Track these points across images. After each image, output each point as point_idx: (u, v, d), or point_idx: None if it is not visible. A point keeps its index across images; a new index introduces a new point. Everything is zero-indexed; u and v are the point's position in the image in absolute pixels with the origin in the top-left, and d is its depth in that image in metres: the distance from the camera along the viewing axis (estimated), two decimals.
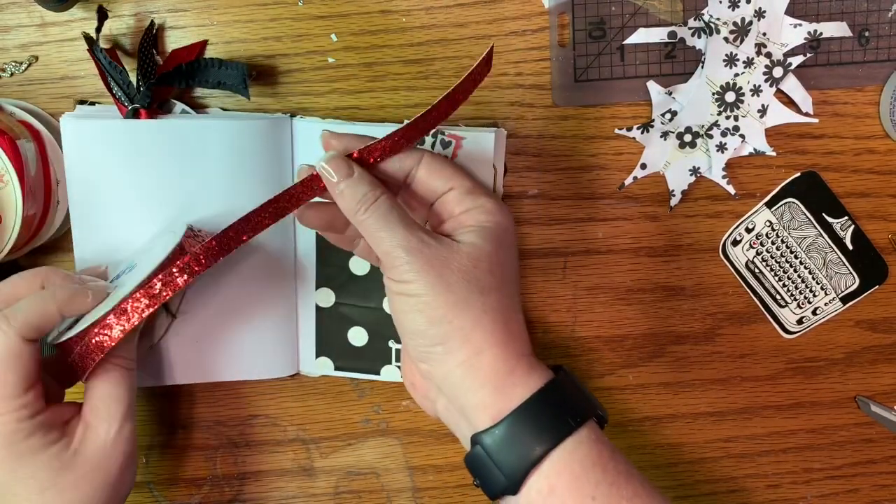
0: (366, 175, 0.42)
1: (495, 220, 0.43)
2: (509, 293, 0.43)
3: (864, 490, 0.61)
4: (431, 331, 0.41)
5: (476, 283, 0.41)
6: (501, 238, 0.43)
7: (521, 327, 0.43)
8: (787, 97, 0.54)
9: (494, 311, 0.41)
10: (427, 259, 0.41)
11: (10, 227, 0.47)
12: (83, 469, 0.44)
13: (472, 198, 0.43)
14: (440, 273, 0.40)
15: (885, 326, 0.58)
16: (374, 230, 0.41)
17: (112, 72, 0.48)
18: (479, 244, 0.42)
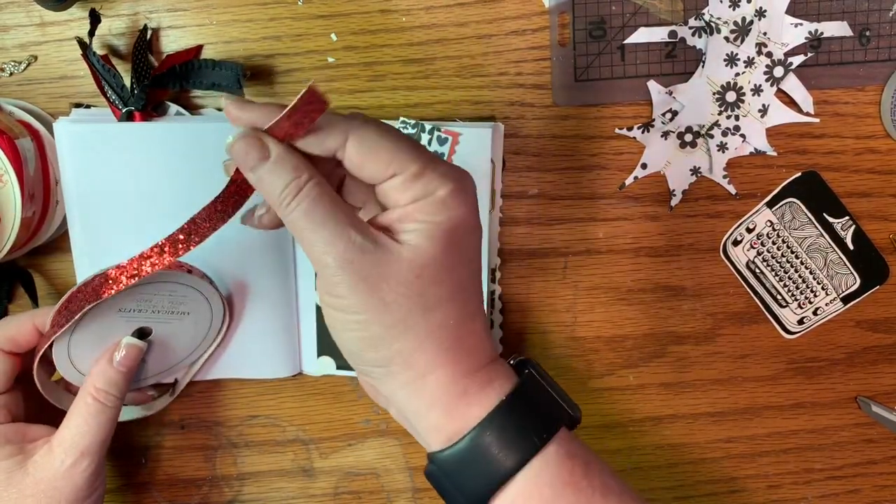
0: (288, 156, 0.35)
1: (447, 215, 0.35)
2: (462, 301, 0.36)
3: (864, 490, 0.61)
4: (368, 354, 0.36)
5: (419, 300, 0.35)
6: (454, 236, 0.36)
7: (478, 338, 0.37)
8: (787, 97, 0.54)
9: (441, 329, 0.36)
10: (360, 271, 0.34)
11: (9, 226, 0.47)
12: (30, 490, 0.45)
13: (420, 185, 0.35)
14: (375, 289, 0.34)
15: (886, 326, 0.58)
16: (300, 229, 0.35)
17: (106, 75, 0.48)
18: (424, 247, 0.35)
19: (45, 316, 0.46)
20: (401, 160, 0.35)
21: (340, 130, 0.35)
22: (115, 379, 0.46)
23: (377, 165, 0.35)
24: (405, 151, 0.35)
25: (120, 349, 0.46)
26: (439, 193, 0.35)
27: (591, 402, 0.58)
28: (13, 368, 0.47)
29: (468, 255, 0.37)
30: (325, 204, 0.35)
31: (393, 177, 0.35)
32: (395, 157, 0.35)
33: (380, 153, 0.35)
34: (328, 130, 0.35)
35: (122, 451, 0.56)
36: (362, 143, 0.35)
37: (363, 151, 0.35)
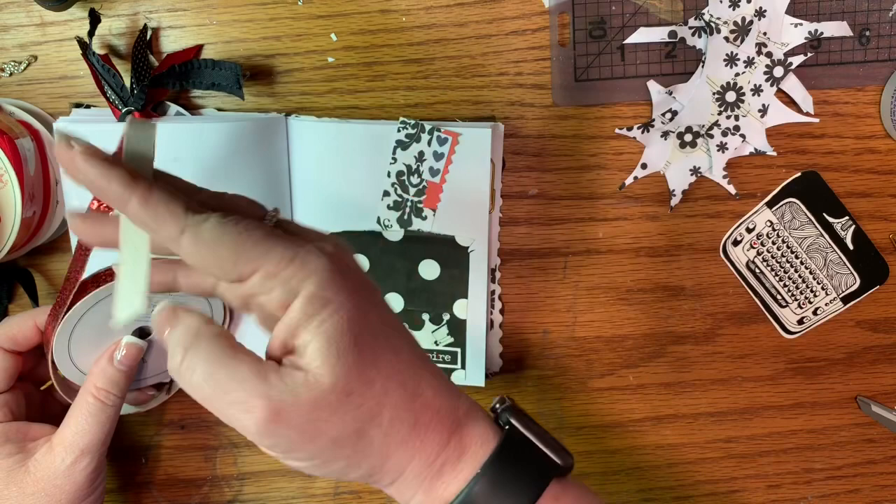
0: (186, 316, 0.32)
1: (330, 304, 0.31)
2: (400, 383, 0.33)
3: (864, 490, 0.60)
4: (344, 479, 0.34)
5: (362, 415, 0.32)
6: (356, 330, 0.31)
7: (434, 407, 0.34)
8: (787, 97, 0.54)
9: (396, 423, 0.33)
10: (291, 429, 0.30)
11: (10, 226, 0.47)
12: (31, 489, 0.45)
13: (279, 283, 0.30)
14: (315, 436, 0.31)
15: (886, 326, 0.58)
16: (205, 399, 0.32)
17: (105, 75, 0.48)
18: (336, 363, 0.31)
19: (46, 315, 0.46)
20: (246, 258, 0.30)
21: (177, 223, 0.31)
22: (115, 378, 0.46)
23: (220, 265, 0.31)
24: (251, 247, 0.31)
25: (120, 348, 0.47)
26: (307, 290, 0.31)
27: (591, 402, 0.58)
28: (14, 367, 0.47)
29: (379, 332, 0.33)
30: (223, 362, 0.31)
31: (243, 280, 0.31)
32: (239, 253, 0.30)
33: (221, 249, 0.30)
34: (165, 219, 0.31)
35: (122, 451, 0.56)
36: (200, 240, 0.30)
37: (202, 249, 0.31)
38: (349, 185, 0.52)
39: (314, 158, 0.51)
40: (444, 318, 0.54)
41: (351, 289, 0.32)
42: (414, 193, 0.51)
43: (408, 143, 0.51)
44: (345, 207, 0.52)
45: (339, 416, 0.31)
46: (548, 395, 0.57)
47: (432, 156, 0.51)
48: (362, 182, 0.51)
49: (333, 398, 0.31)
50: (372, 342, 0.32)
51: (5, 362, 0.47)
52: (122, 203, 0.31)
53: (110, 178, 0.31)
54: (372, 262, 0.53)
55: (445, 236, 0.52)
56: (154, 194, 0.31)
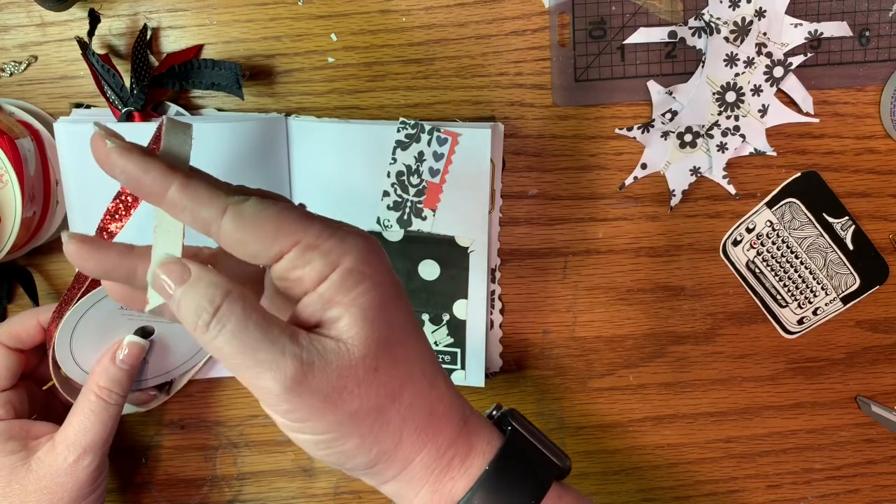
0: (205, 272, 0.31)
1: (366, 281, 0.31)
2: (421, 372, 0.33)
3: (864, 490, 0.61)
4: (349, 463, 0.33)
5: (385, 394, 0.32)
6: (386, 301, 0.32)
7: (447, 401, 0.35)
8: (787, 97, 0.54)
9: (413, 409, 0.33)
10: (314, 392, 0.30)
11: (10, 227, 0.47)
12: (34, 486, 0.45)
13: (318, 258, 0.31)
14: (338, 402, 0.31)
15: (886, 326, 0.58)
16: (230, 356, 0.30)
17: (105, 75, 0.48)
18: (369, 335, 0.31)
19: (49, 313, 0.46)
20: (287, 231, 0.30)
21: (219, 203, 0.30)
22: (117, 377, 0.46)
23: (261, 240, 0.30)
24: (292, 222, 0.31)
25: (123, 347, 0.47)
26: (345, 263, 0.31)
27: (591, 401, 0.58)
28: (17, 365, 0.47)
29: (406, 320, 0.33)
30: (252, 324, 0.30)
31: (283, 255, 0.31)
32: (280, 228, 0.30)
33: (264, 227, 0.30)
34: (206, 200, 0.31)
35: (122, 451, 0.56)
36: (242, 217, 0.30)
37: (243, 225, 0.30)
38: (349, 186, 0.52)
39: (314, 158, 0.51)
40: (443, 319, 0.54)
41: (386, 268, 0.32)
42: (414, 194, 0.51)
43: (408, 143, 0.51)
44: (345, 207, 0.52)
45: (363, 388, 0.31)
46: (548, 395, 0.58)
47: (432, 156, 0.51)
48: (362, 182, 0.51)
49: (361, 370, 0.31)
50: (401, 325, 0.33)
51: (8, 360, 0.47)
52: (161, 191, 0.31)
53: (148, 168, 0.30)
54: None
55: (445, 236, 0.52)
56: (193, 179, 0.31)
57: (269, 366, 0.30)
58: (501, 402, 0.57)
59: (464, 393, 0.37)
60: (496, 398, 0.57)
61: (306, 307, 0.31)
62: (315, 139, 0.51)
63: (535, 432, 0.37)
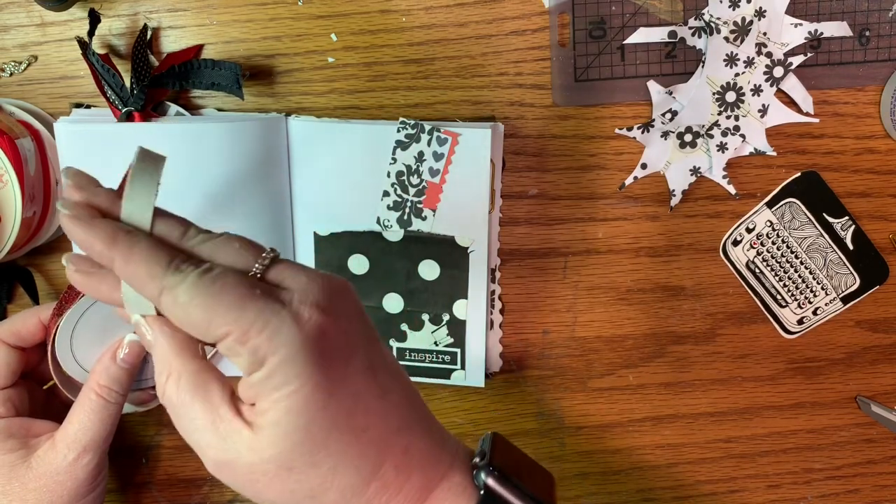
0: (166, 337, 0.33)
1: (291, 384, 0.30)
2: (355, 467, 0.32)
3: (864, 490, 0.61)
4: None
5: (301, 491, 0.32)
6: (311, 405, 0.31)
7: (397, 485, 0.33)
8: (787, 97, 0.54)
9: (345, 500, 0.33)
10: (234, 477, 0.32)
11: (10, 227, 0.47)
12: (33, 484, 0.45)
13: (247, 352, 0.30)
14: (254, 490, 0.32)
15: (886, 326, 0.58)
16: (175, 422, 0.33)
17: (105, 75, 0.48)
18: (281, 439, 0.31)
19: (50, 311, 0.47)
20: (219, 322, 0.30)
21: (156, 284, 0.31)
22: (118, 375, 0.46)
23: (197, 326, 0.31)
24: (224, 311, 0.30)
25: (123, 346, 0.47)
26: (270, 363, 0.30)
27: (591, 402, 0.58)
28: (18, 363, 0.48)
29: (341, 414, 0.32)
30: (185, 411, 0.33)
31: (217, 342, 0.31)
32: (212, 318, 0.30)
33: (197, 313, 0.30)
34: (145, 281, 0.31)
35: (123, 450, 0.56)
36: (176, 302, 0.31)
37: (178, 311, 0.31)
38: (349, 185, 0.52)
39: (314, 159, 0.51)
40: (443, 319, 0.54)
41: (317, 366, 0.31)
42: (414, 194, 0.51)
43: (407, 143, 0.51)
44: (345, 207, 0.52)
45: (276, 485, 0.32)
46: (548, 395, 0.58)
47: (432, 156, 0.51)
48: (362, 182, 0.51)
49: (272, 469, 0.31)
50: (330, 424, 0.31)
51: (9, 358, 0.47)
52: (107, 261, 0.32)
53: (93, 239, 0.32)
54: (372, 263, 0.53)
55: (445, 236, 0.52)
56: (135, 255, 0.31)
57: (197, 447, 0.33)
58: (501, 402, 0.57)
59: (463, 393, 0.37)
60: (496, 398, 0.57)
61: (242, 389, 0.32)
62: (315, 139, 0.51)
63: (512, 486, 0.34)
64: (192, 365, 0.33)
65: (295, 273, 0.33)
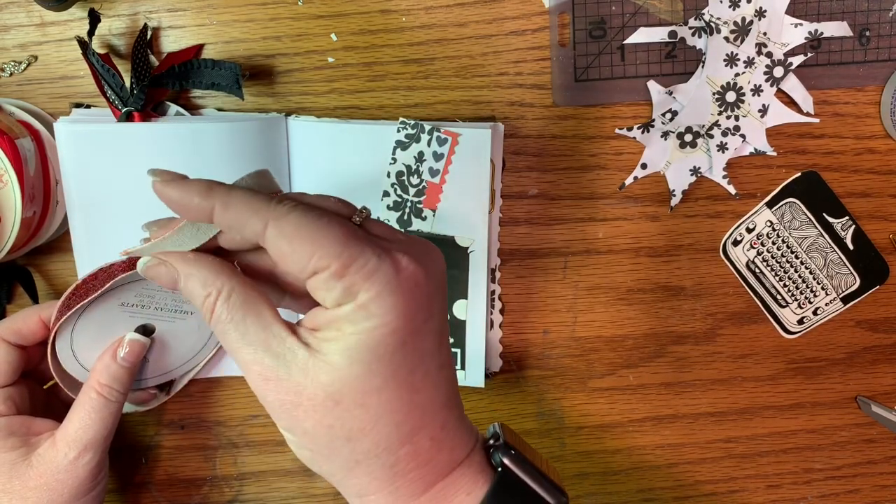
0: (195, 275, 0.33)
1: (371, 322, 0.31)
2: (395, 424, 0.32)
3: (864, 490, 0.61)
4: (309, 467, 0.34)
5: (339, 429, 0.32)
6: (380, 347, 0.31)
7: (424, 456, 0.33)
8: (787, 97, 0.54)
9: (370, 456, 0.32)
10: (278, 394, 0.32)
11: (10, 227, 0.47)
12: (34, 482, 0.45)
13: (341, 286, 0.31)
14: (294, 415, 0.32)
15: (886, 326, 0.58)
16: (223, 339, 0.33)
17: (105, 75, 0.48)
18: (342, 369, 0.31)
19: (51, 309, 0.47)
20: (322, 254, 0.30)
21: (261, 217, 0.31)
22: (118, 374, 0.46)
23: (298, 259, 0.31)
24: (329, 244, 0.30)
25: (124, 345, 0.47)
26: (361, 299, 0.31)
27: (591, 402, 0.58)
28: (19, 361, 0.48)
29: (407, 369, 0.32)
30: (235, 326, 0.32)
31: (314, 274, 0.31)
32: (316, 249, 0.31)
33: (301, 245, 0.31)
34: (248, 217, 0.32)
35: (122, 451, 0.56)
36: (282, 233, 0.31)
37: (282, 243, 0.31)
38: (349, 186, 0.52)
39: (314, 159, 0.51)
40: None
41: (403, 312, 0.31)
42: (414, 194, 0.51)
43: (407, 143, 0.51)
44: None
45: (316, 414, 0.32)
46: (548, 395, 0.58)
47: (432, 156, 0.51)
48: (362, 182, 0.51)
49: (319, 396, 0.31)
50: (391, 372, 0.32)
51: (10, 356, 0.47)
52: (205, 212, 0.32)
53: (190, 193, 0.32)
54: None
55: (445, 237, 0.52)
56: (234, 197, 0.32)
57: (244, 363, 0.32)
58: (501, 402, 0.57)
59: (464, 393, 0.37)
60: (496, 398, 0.57)
61: (315, 316, 0.32)
62: (315, 139, 0.51)
63: (529, 468, 0.35)
64: (240, 280, 0.33)
65: (391, 230, 0.34)
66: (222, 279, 0.33)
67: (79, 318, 0.46)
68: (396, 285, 0.31)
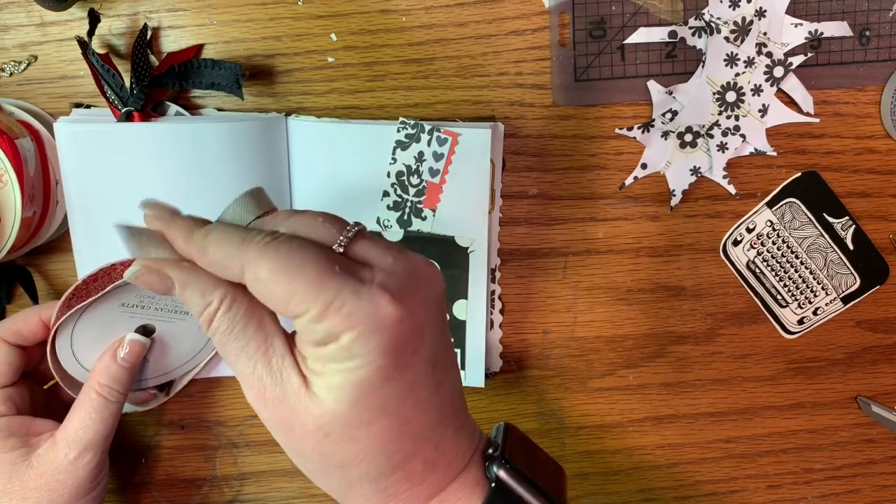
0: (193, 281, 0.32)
1: (353, 366, 0.30)
2: (387, 454, 0.32)
3: (864, 490, 0.60)
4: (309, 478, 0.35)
5: (331, 458, 0.32)
6: (365, 384, 0.31)
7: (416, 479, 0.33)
8: (787, 97, 0.54)
9: (364, 482, 0.33)
10: (273, 417, 0.32)
11: (9, 227, 0.47)
12: (34, 483, 0.45)
13: (322, 329, 0.30)
14: (289, 438, 0.33)
15: (886, 326, 0.58)
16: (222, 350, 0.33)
17: (105, 75, 0.48)
18: (330, 406, 0.31)
19: (52, 309, 0.47)
20: (299, 299, 0.30)
21: (236, 263, 0.31)
22: (118, 374, 0.46)
23: (276, 304, 0.31)
24: (305, 287, 0.30)
25: (124, 345, 0.47)
26: (342, 340, 0.30)
27: (591, 402, 0.58)
28: (19, 361, 0.48)
29: (393, 400, 0.32)
30: (235, 338, 0.32)
31: (295, 317, 0.31)
32: (292, 295, 0.30)
33: (277, 289, 0.30)
34: (226, 263, 0.31)
35: (122, 451, 0.56)
36: (258, 278, 0.31)
37: (259, 288, 0.31)
38: (349, 186, 0.52)
39: (314, 159, 0.51)
40: None
41: (386, 350, 0.31)
42: (413, 194, 0.51)
43: (407, 143, 0.51)
44: (344, 208, 0.52)
45: (309, 440, 0.32)
46: (548, 395, 0.57)
47: (432, 156, 0.51)
48: (362, 182, 0.51)
49: (311, 426, 0.32)
50: (379, 406, 0.31)
51: (10, 356, 0.47)
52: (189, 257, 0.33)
53: (174, 236, 0.33)
54: None
55: (445, 237, 0.52)
56: (210, 241, 0.32)
57: (241, 376, 0.32)
58: (501, 402, 0.57)
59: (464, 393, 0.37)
60: (496, 398, 0.57)
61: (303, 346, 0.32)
62: (315, 139, 0.51)
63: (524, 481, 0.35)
64: (241, 289, 0.32)
65: (380, 251, 0.32)
66: (223, 288, 0.32)
67: (79, 319, 0.46)
68: (377, 324, 0.30)
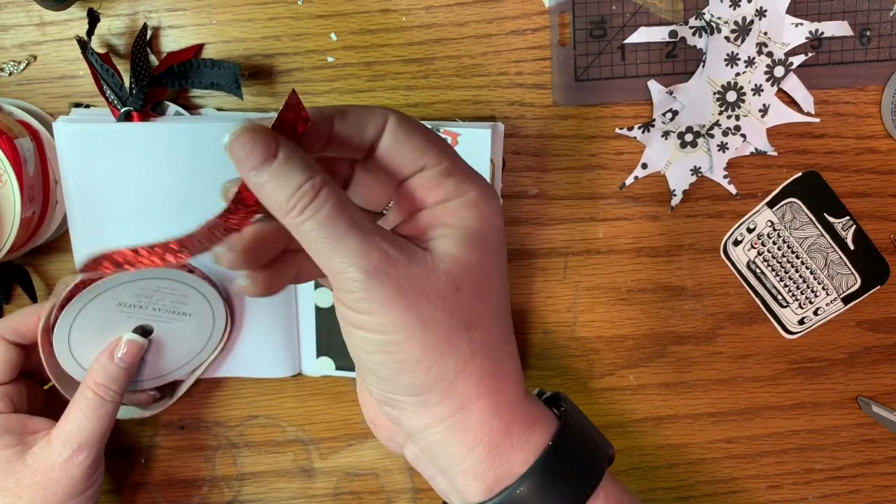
0: (297, 156, 0.29)
1: (481, 216, 0.32)
2: (502, 320, 0.33)
3: (865, 491, 0.60)
4: (402, 379, 0.31)
5: (460, 316, 0.31)
6: (489, 241, 0.32)
7: (514, 362, 0.33)
8: (788, 97, 0.54)
9: (484, 348, 0.31)
10: (394, 285, 0.29)
11: (9, 227, 0.47)
12: (28, 480, 0.45)
13: (451, 183, 0.32)
14: (412, 304, 0.30)
15: (887, 327, 0.58)
16: (316, 240, 0.29)
17: (104, 75, 0.47)
18: (461, 256, 0.31)
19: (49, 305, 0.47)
20: (434, 152, 0.32)
21: (380, 113, 0.32)
22: (115, 374, 0.46)
23: (411, 153, 0.32)
24: (441, 146, 0.32)
25: (121, 345, 0.47)
26: (471, 195, 0.32)
27: (592, 402, 0.58)
28: (17, 359, 0.48)
29: (502, 260, 0.33)
30: (346, 210, 0.29)
31: (422, 170, 0.32)
32: (429, 147, 0.32)
33: (413, 142, 0.32)
34: (368, 115, 0.32)
35: (121, 451, 0.56)
36: (399, 131, 0.32)
37: (399, 139, 0.32)
38: None
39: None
40: None
41: (499, 215, 0.33)
42: None
43: None
44: None
45: (441, 301, 0.30)
46: None
47: None
48: None
49: (443, 282, 0.30)
50: (494, 266, 0.32)
51: (8, 354, 0.47)
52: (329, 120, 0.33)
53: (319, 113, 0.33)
54: None
55: None
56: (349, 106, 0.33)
57: (355, 252, 0.29)
58: None
59: None
60: None
61: (413, 220, 0.32)
62: None
63: (583, 419, 0.35)
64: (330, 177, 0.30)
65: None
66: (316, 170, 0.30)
67: (76, 318, 0.46)
68: (492, 190, 0.33)
